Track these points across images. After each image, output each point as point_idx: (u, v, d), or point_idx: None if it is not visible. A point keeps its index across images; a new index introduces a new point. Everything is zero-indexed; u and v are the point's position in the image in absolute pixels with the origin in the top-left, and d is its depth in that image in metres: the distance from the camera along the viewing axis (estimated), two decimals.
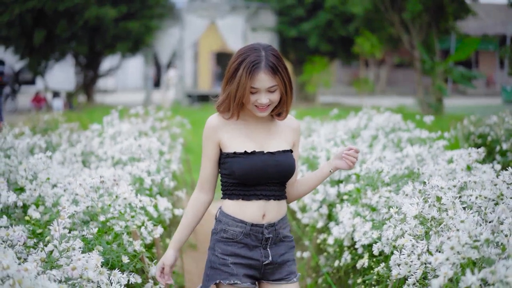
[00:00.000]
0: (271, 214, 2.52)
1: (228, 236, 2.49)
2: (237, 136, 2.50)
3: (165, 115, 6.65)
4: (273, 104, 2.46)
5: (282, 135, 2.57)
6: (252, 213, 2.49)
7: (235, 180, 2.49)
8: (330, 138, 4.93)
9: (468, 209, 2.44)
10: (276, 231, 2.52)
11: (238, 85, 2.41)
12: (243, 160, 2.46)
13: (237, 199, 2.51)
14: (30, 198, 3.25)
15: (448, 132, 5.00)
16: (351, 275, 3.45)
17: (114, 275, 2.32)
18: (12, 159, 3.72)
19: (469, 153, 3.48)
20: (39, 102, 22.40)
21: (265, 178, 2.48)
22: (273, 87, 2.42)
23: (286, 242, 2.58)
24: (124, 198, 2.98)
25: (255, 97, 2.42)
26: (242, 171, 2.45)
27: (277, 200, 2.53)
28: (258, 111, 2.45)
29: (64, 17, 21.76)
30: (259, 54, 2.42)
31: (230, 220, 2.50)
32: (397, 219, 2.60)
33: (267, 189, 2.50)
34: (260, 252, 2.50)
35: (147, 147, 4.15)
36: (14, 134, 4.76)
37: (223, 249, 2.49)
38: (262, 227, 2.49)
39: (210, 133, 2.52)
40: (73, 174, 3.92)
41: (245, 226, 2.48)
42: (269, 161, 2.48)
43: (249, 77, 2.39)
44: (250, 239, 2.49)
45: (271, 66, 2.40)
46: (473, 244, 1.77)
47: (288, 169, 2.52)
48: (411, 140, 4.97)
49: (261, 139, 2.52)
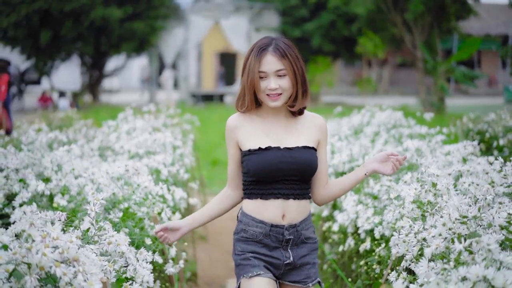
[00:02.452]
0: (291, 214, 2.46)
1: (248, 236, 2.47)
2: (254, 133, 2.47)
3: (175, 112, 6.91)
4: (285, 92, 2.41)
5: (303, 132, 2.50)
6: (271, 213, 2.44)
7: (252, 178, 2.45)
8: (334, 134, 5.18)
9: (461, 195, 2.68)
10: (298, 232, 2.47)
11: (248, 72, 2.39)
12: (257, 157, 2.41)
13: (255, 198, 2.46)
14: (56, 188, 3.49)
15: (447, 128, 5.23)
16: (354, 259, 3.69)
17: (141, 253, 2.56)
18: (36, 152, 3.96)
19: (464, 146, 3.71)
20: (45, 102, 22.67)
21: (281, 175, 2.41)
22: (281, 70, 2.38)
23: (309, 244, 2.52)
24: (145, 187, 3.22)
25: (265, 83, 2.39)
26: (256, 167, 2.41)
27: (297, 200, 2.46)
28: (269, 100, 2.41)
29: (70, 18, 22.05)
30: (269, 40, 2.43)
31: (250, 220, 2.47)
32: (396, 204, 2.84)
33: (286, 187, 2.43)
34: (281, 253, 2.46)
35: (162, 141, 4.40)
36: (35, 130, 5.03)
37: (243, 247, 2.47)
38: (282, 228, 2.44)
39: (229, 134, 2.51)
40: (92, 167, 4.16)
41: (264, 227, 2.44)
42: (285, 157, 2.41)
43: (257, 60, 2.37)
44: (270, 240, 2.45)
45: (279, 49, 2.38)
46: (462, 220, 2.01)
47: (306, 166, 2.43)
48: (412, 135, 5.21)
49: (279, 135, 2.47)
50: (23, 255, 1.78)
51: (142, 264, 2.50)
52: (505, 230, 2.06)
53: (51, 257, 1.79)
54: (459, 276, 1.70)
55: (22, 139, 4.36)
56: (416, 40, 19.82)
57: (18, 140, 4.59)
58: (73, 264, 1.84)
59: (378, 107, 6.22)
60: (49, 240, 1.85)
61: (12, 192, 3.40)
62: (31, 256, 1.78)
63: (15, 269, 1.77)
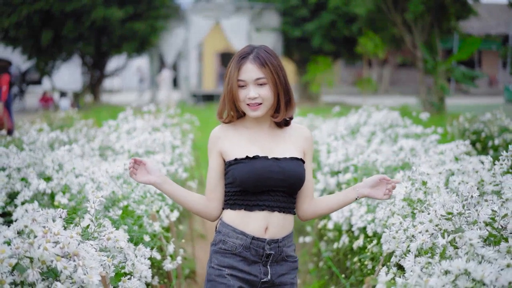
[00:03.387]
0: (275, 228, 2.36)
1: (226, 247, 2.36)
2: (239, 143, 2.39)
3: (175, 112, 6.99)
4: (266, 102, 2.33)
5: (290, 142, 2.42)
6: (254, 225, 2.34)
7: (237, 188, 2.35)
8: (331, 133, 5.25)
9: (451, 193, 2.76)
10: (279, 249, 2.37)
11: (228, 80, 2.33)
12: (244, 166, 2.32)
13: (239, 209, 2.36)
14: (57, 186, 3.57)
15: (442, 128, 5.31)
16: (348, 256, 3.77)
17: (139, 249, 2.64)
18: (37, 152, 4.04)
19: (457, 146, 3.79)
20: (46, 102, 22.78)
21: (268, 185, 2.32)
22: (261, 79, 2.30)
23: (289, 262, 2.41)
24: (143, 185, 3.30)
25: (244, 92, 2.32)
26: (243, 176, 2.31)
27: (282, 213, 2.36)
28: (249, 109, 2.33)
29: (71, 18, 22.14)
30: (251, 48, 2.36)
31: (230, 231, 2.36)
32: (388, 202, 2.92)
33: (271, 199, 2.34)
34: (259, 268, 2.35)
35: (161, 141, 4.48)
36: (36, 130, 5.11)
37: (220, 260, 2.37)
38: (264, 241, 2.34)
39: (211, 145, 2.44)
40: (93, 166, 4.25)
41: (245, 239, 2.34)
42: (273, 167, 2.32)
43: (236, 69, 2.31)
44: (250, 253, 2.34)
45: (259, 58, 2.31)
46: (447, 217, 2.09)
47: (295, 177, 2.34)
48: (408, 135, 5.29)
49: (265, 144, 2.39)
50: (25, 249, 1.87)
51: (141, 260, 2.59)
52: (489, 227, 2.13)
53: (52, 251, 1.88)
54: (442, 269, 1.77)
55: (24, 139, 4.44)
56: (416, 40, 19.87)
57: (20, 140, 4.67)
58: (74, 258, 1.92)
59: (375, 107, 6.29)
60: (50, 236, 1.94)
61: (14, 190, 3.49)
62: (33, 250, 1.87)
63: (17, 263, 1.85)
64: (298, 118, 7.47)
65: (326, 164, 4.39)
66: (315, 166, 4.88)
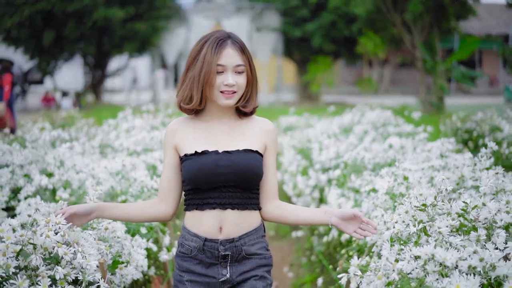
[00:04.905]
0: (229, 227, 2.19)
1: (184, 251, 2.24)
2: (194, 137, 2.24)
3: (173, 111, 7.15)
4: (240, 91, 2.20)
5: (248, 135, 2.26)
6: (206, 226, 2.19)
7: (188, 186, 2.21)
8: (324, 131, 5.41)
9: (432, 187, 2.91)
10: (236, 248, 2.20)
11: (202, 63, 2.15)
12: (192, 162, 2.18)
13: (192, 210, 2.22)
14: (59, 182, 3.72)
15: (434, 127, 5.45)
16: (338, 249, 3.93)
17: (136, 240, 2.80)
18: (39, 149, 4.20)
19: (442, 143, 3.94)
20: (48, 102, 22.98)
21: (218, 181, 2.16)
22: (240, 66, 2.18)
23: (254, 259, 2.24)
24: (141, 181, 3.46)
25: (221, 78, 2.16)
26: (191, 173, 2.17)
27: (236, 210, 2.19)
28: (224, 97, 2.18)
29: (73, 18, 22.31)
30: (225, 33, 2.22)
31: (186, 234, 2.24)
32: (373, 196, 3.07)
33: (223, 196, 2.18)
34: (217, 270, 2.21)
35: (159, 139, 4.64)
36: (39, 128, 5.27)
37: (180, 264, 2.25)
38: (217, 242, 2.18)
39: (167, 138, 2.29)
40: (93, 163, 4.40)
41: (199, 241, 2.20)
42: (222, 161, 2.17)
43: (215, 52, 2.15)
44: (205, 255, 2.20)
45: (238, 43, 2.20)
46: (420, 208, 2.24)
47: (246, 170, 2.17)
48: (400, 134, 5.43)
49: (221, 139, 2.24)
50: (29, 237, 2.03)
51: (137, 250, 2.75)
52: (461, 218, 2.28)
53: (54, 239, 2.03)
54: (412, 254, 1.93)
55: (27, 137, 4.59)
56: (415, 40, 19.98)
57: (22, 138, 4.82)
58: (74, 245, 2.08)
59: (369, 106, 6.44)
60: (52, 224, 2.09)
61: (17, 186, 3.64)
62: (36, 238, 2.02)
63: (22, 249, 2.01)
64: (294, 117, 7.65)
65: (317, 161, 4.54)
66: (307, 163, 5.03)
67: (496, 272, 1.84)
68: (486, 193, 2.58)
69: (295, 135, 6.32)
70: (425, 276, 1.89)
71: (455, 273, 1.81)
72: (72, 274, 2.04)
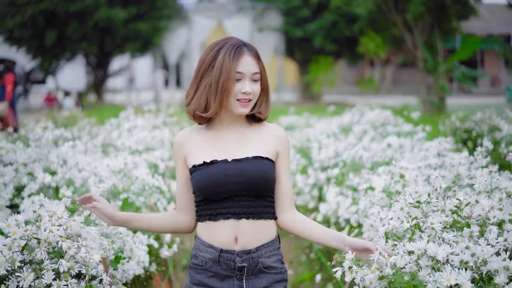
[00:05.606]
0: (245, 238, 2.11)
1: (198, 262, 2.15)
2: (202, 147, 2.17)
3: (174, 111, 7.21)
4: (254, 99, 2.16)
5: (258, 142, 2.19)
6: (221, 236, 2.11)
7: (200, 197, 2.15)
8: (323, 131, 5.47)
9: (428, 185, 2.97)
10: (253, 260, 2.12)
11: (220, 71, 2.08)
12: (201, 172, 2.12)
13: (205, 220, 2.15)
14: (62, 180, 3.79)
15: (433, 127, 5.51)
16: None
17: (137, 236, 2.86)
18: (43, 148, 4.26)
19: (439, 142, 3.99)
20: (51, 101, 23.06)
21: (229, 191, 2.10)
22: (257, 74, 2.14)
23: (271, 274, 2.15)
24: (142, 179, 3.52)
25: (238, 86, 2.11)
26: (200, 184, 2.11)
27: (251, 219, 2.12)
28: (240, 105, 2.12)
29: (75, 18, 22.42)
30: (239, 39, 2.17)
31: (200, 245, 2.15)
32: (370, 194, 3.13)
33: (236, 205, 2.10)
34: (233, 284, 2.12)
35: (160, 138, 4.70)
36: (42, 127, 5.34)
37: (192, 277, 2.17)
38: (233, 253, 2.10)
39: (176, 151, 2.23)
40: (95, 162, 4.46)
41: (214, 252, 2.12)
42: (230, 170, 2.10)
43: (234, 59, 2.09)
44: (220, 267, 2.12)
45: (253, 50, 2.15)
46: (414, 204, 2.30)
47: (255, 177, 2.10)
48: (399, 133, 5.49)
49: (230, 147, 2.17)
50: (33, 232, 2.09)
51: (138, 246, 2.81)
52: (455, 215, 2.34)
53: (57, 233, 2.10)
54: (405, 249, 1.98)
55: (30, 136, 4.65)
56: (416, 40, 20.00)
57: (26, 137, 4.88)
58: (77, 239, 2.15)
59: (369, 106, 6.50)
60: (55, 219, 2.15)
61: (21, 184, 3.71)
62: (40, 232, 2.09)
63: (27, 243, 2.08)
64: (294, 117, 7.70)
65: (317, 160, 4.60)
66: (306, 162, 5.10)
67: (488, 267, 1.90)
68: (481, 191, 2.64)
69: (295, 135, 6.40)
70: (418, 270, 1.94)
71: (447, 268, 1.87)
72: (76, 268, 2.10)
